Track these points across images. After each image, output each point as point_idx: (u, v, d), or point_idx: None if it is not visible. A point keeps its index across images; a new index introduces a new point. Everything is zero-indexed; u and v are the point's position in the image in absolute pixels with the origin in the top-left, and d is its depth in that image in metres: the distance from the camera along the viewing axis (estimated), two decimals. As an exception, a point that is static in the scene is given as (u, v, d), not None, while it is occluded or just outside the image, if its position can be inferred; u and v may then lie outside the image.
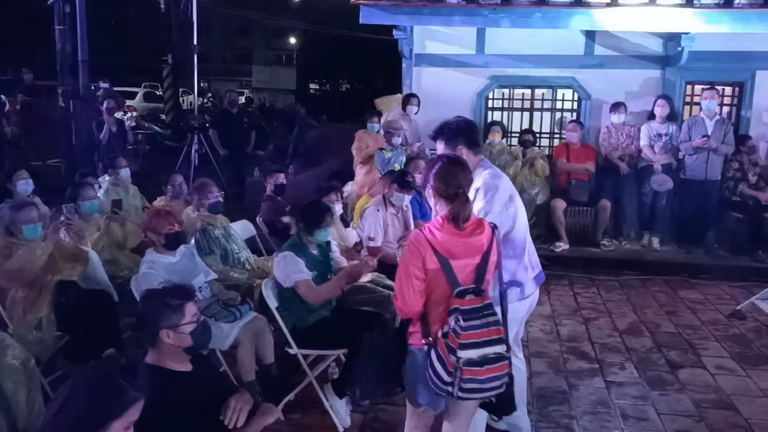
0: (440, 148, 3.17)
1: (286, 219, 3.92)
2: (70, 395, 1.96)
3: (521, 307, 3.24)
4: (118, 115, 9.26)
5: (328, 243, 4.01)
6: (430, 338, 2.53)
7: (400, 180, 5.03)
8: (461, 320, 2.40)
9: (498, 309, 2.66)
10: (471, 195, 2.93)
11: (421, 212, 5.45)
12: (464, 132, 3.14)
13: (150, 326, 2.56)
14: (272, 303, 3.73)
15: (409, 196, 5.08)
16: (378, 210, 4.92)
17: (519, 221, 3.13)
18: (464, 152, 3.08)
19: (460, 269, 2.53)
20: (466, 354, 2.38)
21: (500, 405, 2.73)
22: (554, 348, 4.97)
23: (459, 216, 2.55)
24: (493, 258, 2.63)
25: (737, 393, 4.21)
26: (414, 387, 2.63)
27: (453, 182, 2.59)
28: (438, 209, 2.65)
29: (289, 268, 3.68)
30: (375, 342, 2.89)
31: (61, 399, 1.95)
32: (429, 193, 2.69)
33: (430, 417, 2.80)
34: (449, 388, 2.43)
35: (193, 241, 4.36)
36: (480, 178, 3.05)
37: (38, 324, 3.93)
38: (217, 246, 4.50)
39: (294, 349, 3.68)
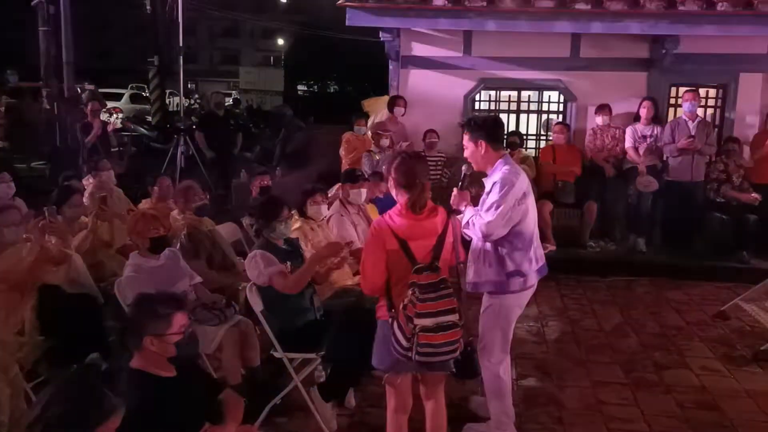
0: (465, 138, 3.42)
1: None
2: (51, 401, 1.93)
3: (522, 298, 3.47)
4: (105, 117, 9.19)
5: (297, 239, 4.01)
6: (393, 311, 2.83)
7: (350, 176, 5.06)
8: (418, 293, 2.70)
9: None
10: (488, 187, 3.31)
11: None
12: (488, 127, 3.37)
13: (136, 331, 2.55)
14: (257, 306, 3.71)
15: (364, 189, 5.09)
16: (342, 215, 4.88)
17: (529, 216, 3.37)
18: (484, 146, 3.34)
19: (418, 249, 2.85)
20: (421, 322, 2.69)
21: (464, 371, 3.04)
22: (541, 349, 4.98)
23: (416, 203, 2.89)
24: (448, 239, 2.96)
25: (721, 393, 4.24)
26: (380, 354, 2.95)
27: (410, 174, 2.90)
28: (398, 198, 2.96)
29: (261, 265, 3.65)
30: (350, 316, 3.30)
31: (42, 405, 1.93)
32: (390, 184, 3.01)
33: (407, 397, 3.07)
34: (408, 353, 2.73)
35: (177, 244, 4.33)
36: (499, 173, 3.30)
37: (21, 329, 3.88)
38: (202, 249, 4.47)
39: (279, 353, 3.66)
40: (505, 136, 7.94)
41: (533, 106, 8.40)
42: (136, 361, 2.56)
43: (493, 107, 8.44)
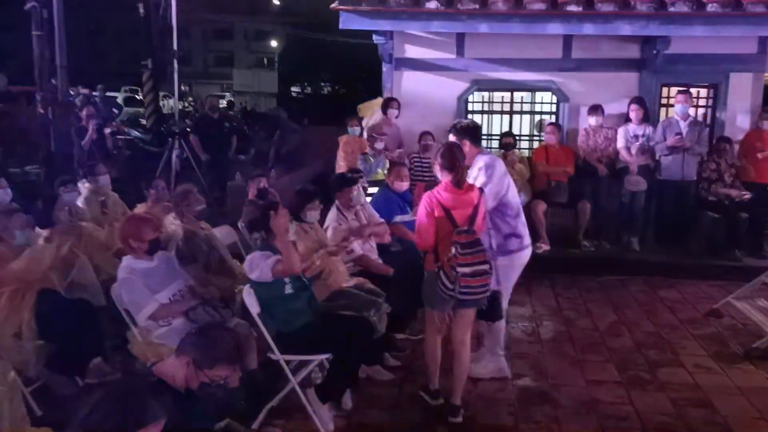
0: (451, 137, 4.24)
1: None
2: (95, 408, 1.95)
3: (523, 256, 4.31)
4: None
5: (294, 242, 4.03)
6: (439, 263, 3.67)
7: (343, 181, 5.04)
8: (459, 249, 3.57)
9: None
10: (474, 173, 4.15)
11: (402, 211, 5.49)
12: (470, 130, 4.28)
13: (181, 346, 2.56)
14: (254, 309, 3.73)
15: (359, 190, 5.09)
16: (340, 224, 4.83)
17: (511, 190, 4.25)
18: (468, 145, 4.15)
19: (459, 216, 3.72)
20: (462, 270, 3.56)
21: (490, 313, 3.98)
22: (536, 349, 5.03)
23: (460, 180, 3.77)
24: (481, 210, 3.83)
25: (714, 391, 4.29)
26: (428, 296, 3.83)
27: (452, 158, 3.79)
28: (443, 178, 3.81)
29: (261, 262, 3.68)
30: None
31: (86, 411, 1.94)
32: (436, 168, 3.86)
33: (442, 324, 3.87)
34: (452, 293, 3.62)
35: (174, 249, 4.35)
36: (481, 161, 4.17)
37: (18, 332, 3.90)
38: (199, 253, 4.48)
39: (276, 355, 3.69)
40: (498, 137, 8.02)
41: (526, 107, 8.45)
42: (160, 365, 2.57)
43: (486, 108, 8.48)
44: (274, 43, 46.01)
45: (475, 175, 4.14)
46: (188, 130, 10.17)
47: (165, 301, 3.82)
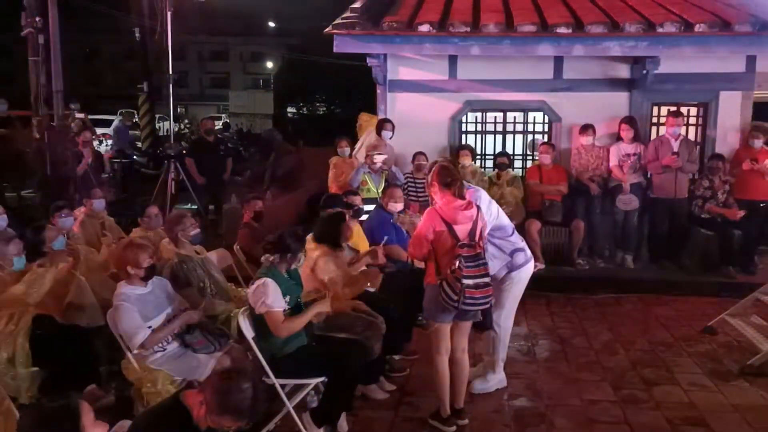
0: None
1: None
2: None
3: (530, 268, 4.48)
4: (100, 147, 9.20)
5: (296, 270, 4.06)
6: (441, 275, 3.79)
7: (336, 211, 4.99)
8: (463, 262, 3.71)
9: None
10: None
11: (398, 237, 5.50)
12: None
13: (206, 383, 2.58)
14: (249, 333, 3.74)
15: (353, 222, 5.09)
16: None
17: (501, 213, 4.47)
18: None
19: (460, 231, 3.82)
20: (466, 281, 3.69)
21: (483, 323, 4.16)
22: (531, 368, 5.03)
23: (461, 193, 3.90)
24: (479, 224, 3.92)
25: (710, 409, 4.29)
26: (431, 309, 3.92)
27: (449, 175, 3.90)
28: (441, 195, 3.91)
29: (265, 295, 3.68)
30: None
31: None
32: (434, 189, 3.94)
33: (446, 334, 3.99)
34: (456, 303, 3.71)
35: (168, 273, 4.36)
36: (468, 195, 4.21)
37: (12, 358, 3.90)
38: (193, 277, 4.50)
39: (271, 379, 3.69)
40: (493, 157, 8.08)
41: (519, 127, 8.52)
42: (187, 394, 2.53)
43: (479, 128, 8.55)
44: (269, 65, 46.34)
45: None
46: (184, 152, 10.20)
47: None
